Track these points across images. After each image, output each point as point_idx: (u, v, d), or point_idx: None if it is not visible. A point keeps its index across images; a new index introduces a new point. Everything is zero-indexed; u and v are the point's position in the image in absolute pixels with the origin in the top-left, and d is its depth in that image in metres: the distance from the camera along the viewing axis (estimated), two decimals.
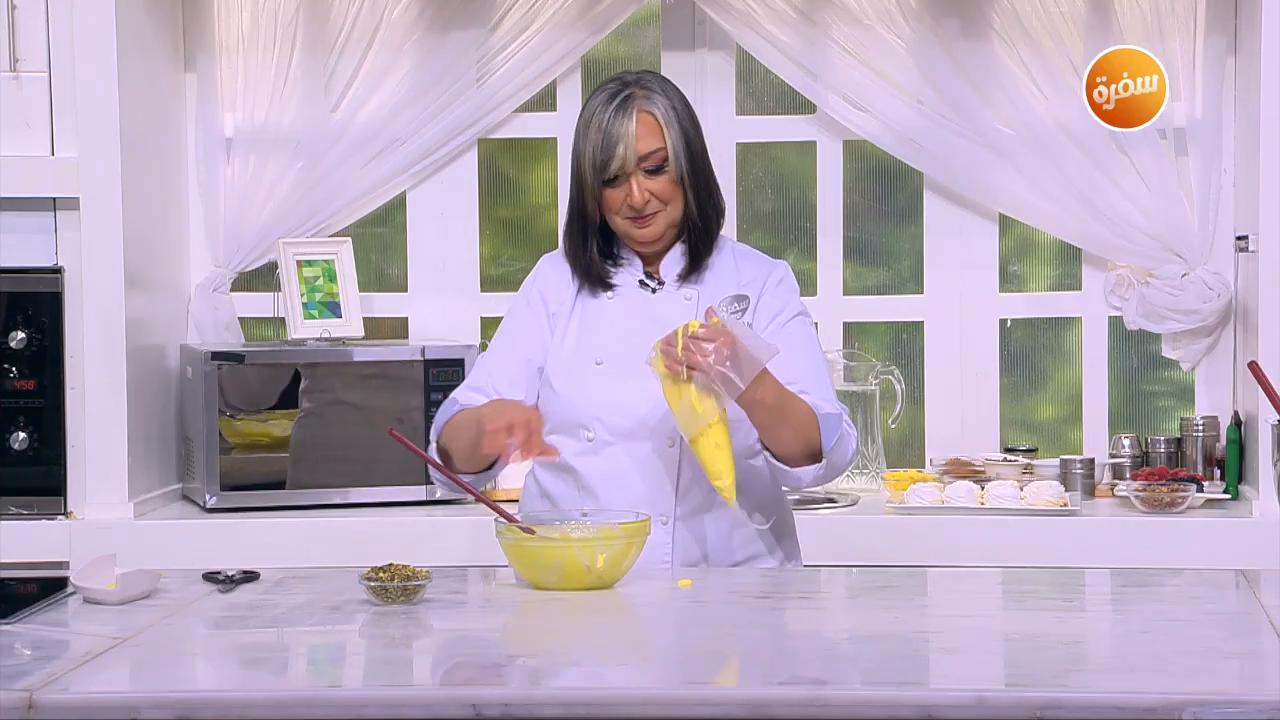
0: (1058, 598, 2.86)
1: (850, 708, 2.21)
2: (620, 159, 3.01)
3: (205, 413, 4.04)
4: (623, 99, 3.03)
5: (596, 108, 3.04)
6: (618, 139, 3.01)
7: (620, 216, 3.05)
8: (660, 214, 3.05)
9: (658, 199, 3.04)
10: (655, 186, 3.03)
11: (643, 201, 3.03)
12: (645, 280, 3.11)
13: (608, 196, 3.04)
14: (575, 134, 3.08)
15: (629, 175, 3.02)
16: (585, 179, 3.04)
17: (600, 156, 3.01)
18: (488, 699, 2.23)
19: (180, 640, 2.58)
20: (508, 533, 2.83)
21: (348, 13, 4.32)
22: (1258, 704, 2.14)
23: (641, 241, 3.08)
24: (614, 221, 3.07)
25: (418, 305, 4.45)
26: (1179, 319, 4.20)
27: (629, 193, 3.02)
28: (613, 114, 3.02)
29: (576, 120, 3.09)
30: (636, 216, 3.04)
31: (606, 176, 3.02)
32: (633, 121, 3.02)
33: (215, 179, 4.34)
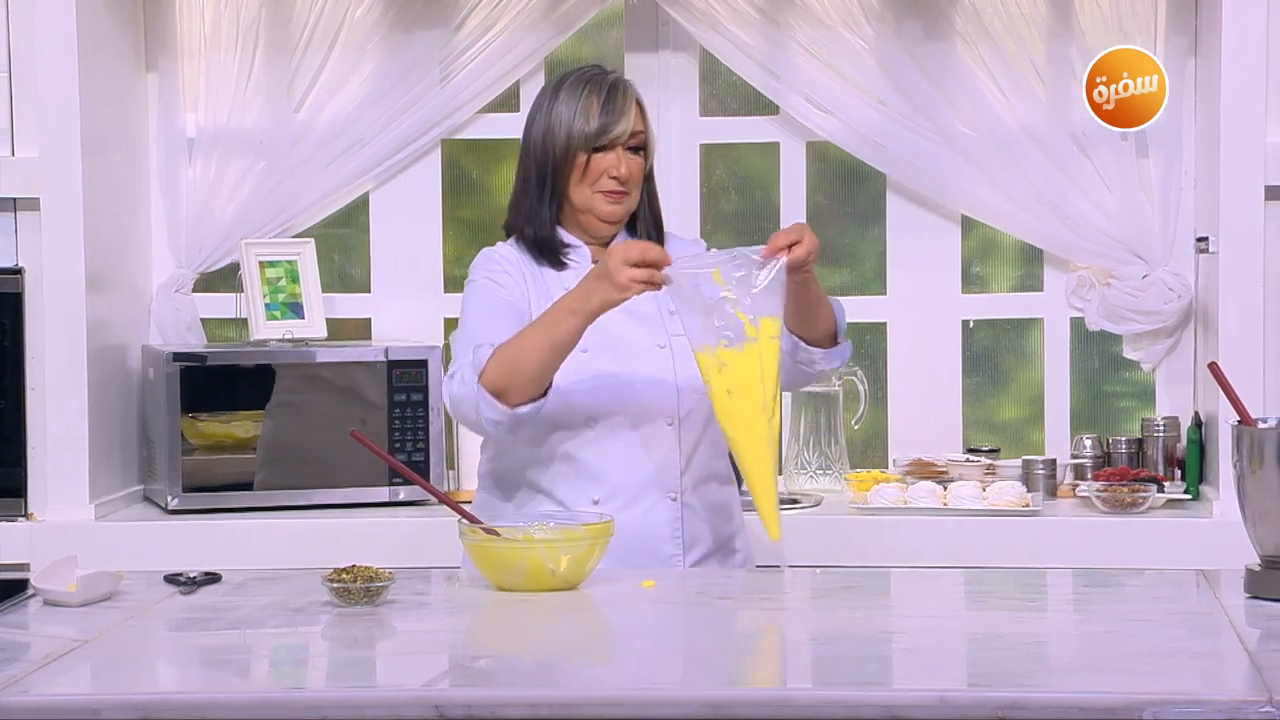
0: (1020, 598, 2.87)
1: (813, 708, 2.21)
2: (624, 127, 3.11)
3: (167, 414, 4.02)
4: (615, 80, 3.15)
5: (585, 83, 3.13)
6: (621, 109, 3.12)
7: (594, 189, 3.12)
8: (630, 195, 3.14)
9: (633, 179, 3.13)
10: (633, 166, 3.13)
11: (628, 173, 3.11)
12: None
13: (594, 163, 3.11)
14: (545, 111, 3.13)
15: (618, 145, 3.10)
16: (563, 148, 3.11)
17: (602, 119, 3.10)
18: (451, 700, 2.23)
19: (142, 642, 2.57)
20: (471, 534, 2.83)
21: (310, 13, 4.31)
22: (1218, 704, 2.15)
23: (606, 219, 3.14)
24: (581, 194, 3.12)
25: (381, 306, 4.44)
26: (1140, 320, 4.22)
27: (617, 162, 3.10)
28: (610, 89, 3.13)
29: (541, 101, 3.15)
30: (615, 190, 3.11)
31: (602, 141, 3.10)
32: (631, 100, 3.15)
33: (177, 179, 4.32)
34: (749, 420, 2.92)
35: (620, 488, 3.08)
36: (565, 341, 2.96)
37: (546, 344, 2.97)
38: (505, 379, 2.98)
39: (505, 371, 2.98)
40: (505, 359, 2.98)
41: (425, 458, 4.09)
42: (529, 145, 3.16)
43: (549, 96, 3.15)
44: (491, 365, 2.98)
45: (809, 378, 3.17)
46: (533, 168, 3.15)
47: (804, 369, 3.12)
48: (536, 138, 3.14)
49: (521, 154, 3.19)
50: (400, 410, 4.09)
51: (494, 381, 2.98)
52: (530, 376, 2.98)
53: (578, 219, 3.16)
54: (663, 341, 3.09)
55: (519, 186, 3.19)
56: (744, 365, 2.91)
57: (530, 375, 2.98)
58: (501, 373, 2.98)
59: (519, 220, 3.18)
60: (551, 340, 2.96)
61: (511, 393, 2.98)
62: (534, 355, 2.97)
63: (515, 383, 2.98)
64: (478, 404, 2.99)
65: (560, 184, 3.13)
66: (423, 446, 4.09)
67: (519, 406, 2.99)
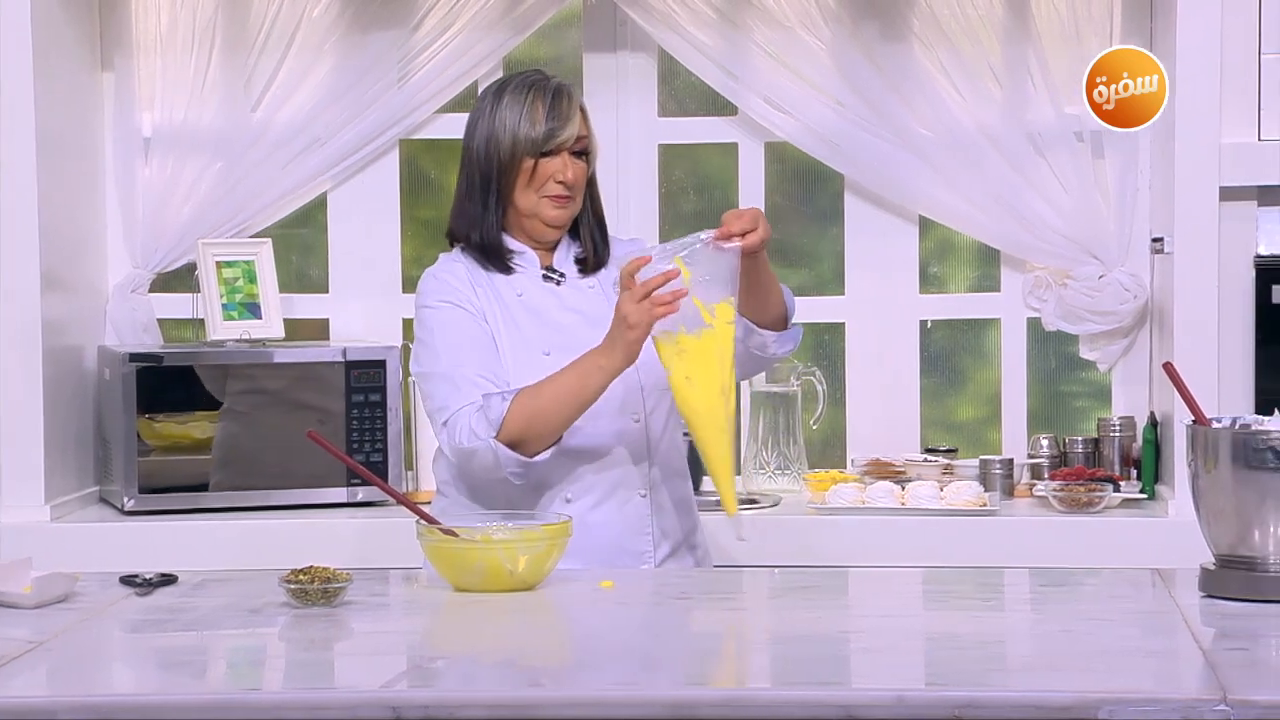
0: (977, 597, 2.88)
1: (771, 708, 2.22)
2: (570, 132, 3.12)
3: (123, 415, 4.01)
4: (559, 85, 3.16)
5: (529, 89, 3.13)
6: (566, 115, 3.12)
7: (541, 193, 3.12)
8: (575, 199, 3.15)
9: (577, 184, 3.14)
10: (578, 171, 3.14)
11: (574, 178, 3.12)
12: (548, 274, 3.17)
13: (541, 167, 3.12)
14: (488, 117, 3.14)
15: (564, 150, 3.11)
16: (508, 153, 3.11)
17: (549, 124, 3.11)
18: (408, 701, 2.23)
19: (98, 644, 2.55)
20: (429, 535, 2.83)
21: (267, 12, 4.30)
22: (1173, 702, 2.16)
23: (551, 223, 3.15)
24: (527, 199, 3.13)
25: (339, 306, 4.43)
26: (1096, 320, 4.24)
27: (563, 167, 3.11)
28: (553, 94, 3.13)
29: (484, 106, 3.16)
30: (560, 195, 3.12)
31: (549, 146, 3.11)
32: (576, 105, 3.15)
33: (133, 179, 4.30)
34: (708, 405, 2.96)
35: (592, 486, 3.10)
36: (593, 397, 3.00)
37: (574, 402, 2.99)
38: (525, 433, 3.00)
39: (527, 427, 3.00)
40: (526, 414, 2.99)
41: (384, 458, 4.08)
42: (471, 151, 3.16)
43: (491, 102, 3.15)
44: (512, 420, 2.99)
45: (762, 363, 3.19)
46: (476, 173, 3.15)
47: (757, 354, 3.13)
48: (479, 143, 3.14)
49: (463, 160, 3.18)
50: (358, 411, 4.08)
51: (513, 436, 3.00)
52: (551, 430, 3.01)
53: (522, 224, 3.16)
54: None
55: (462, 192, 3.18)
56: (703, 351, 2.95)
57: (554, 430, 3.01)
58: (522, 428, 3.00)
59: (464, 226, 3.18)
60: (579, 398, 2.99)
61: (529, 444, 3.01)
62: (561, 412, 3.00)
63: (533, 436, 3.01)
64: (495, 458, 3.00)
65: (505, 189, 3.13)
66: (381, 447, 4.08)
67: (537, 455, 3.01)
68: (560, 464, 3.08)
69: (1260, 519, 2.65)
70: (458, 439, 3.03)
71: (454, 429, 3.04)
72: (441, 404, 3.07)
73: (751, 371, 3.22)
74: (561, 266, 3.20)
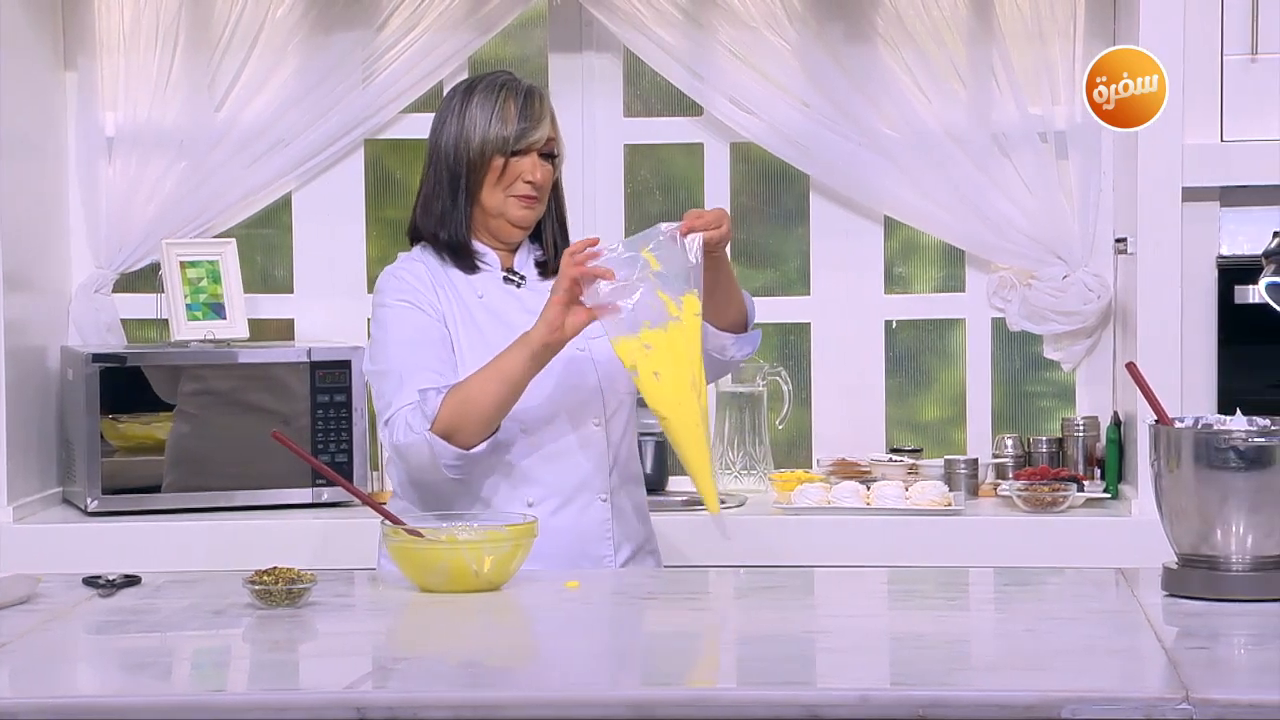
0: (941, 597, 2.89)
1: (736, 708, 2.22)
2: (542, 132, 3.12)
3: (86, 415, 3.99)
4: (529, 87, 3.16)
5: (500, 89, 3.14)
6: (537, 116, 3.13)
7: (508, 193, 3.12)
8: (541, 200, 3.16)
9: (544, 185, 3.15)
10: (545, 173, 3.15)
11: (544, 179, 3.12)
12: (509, 276, 3.17)
13: (511, 167, 3.11)
14: (457, 116, 3.14)
15: (534, 150, 3.12)
16: (478, 151, 3.11)
17: (521, 124, 3.11)
18: (373, 702, 2.22)
19: (60, 645, 2.54)
20: (394, 535, 2.82)
21: (231, 12, 4.28)
22: (1135, 701, 2.17)
23: (517, 224, 3.15)
24: (495, 198, 3.13)
25: (304, 306, 4.42)
26: (1060, 320, 4.26)
27: (533, 167, 3.11)
28: (525, 95, 3.14)
29: (452, 104, 3.16)
30: (528, 195, 3.12)
31: (520, 145, 3.11)
32: (545, 106, 3.16)
33: (96, 179, 4.29)
34: (680, 399, 2.94)
35: (553, 490, 3.09)
36: (519, 378, 2.98)
37: (498, 381, 2.98)
38: (457, 422, 2.98)
39: (458, 415, 2.98)
40: (457, 403, 2.99)
41: (349, 458, 4.07)
42: (439, 149, 3.16)
43: (460, 100, 3.15)
44: (444, 411, 2.99)
45: (722, 367, 3.19)
46: (444, 171, 3.15)
47: (716, 357, 3.13)
48: (448, 141, 3.14)
49: (430, 158, 3.18)
50: (323, 411, 4.07)
51: (445, 427, 2.98)
52: (485, 417, 2.99)
53: (488, 223, 3.16)
54: (580, 345, 3.09)
55: (428, 190, 3.18)
56: (670, 345, 2.94)
57: (485, 416, 2.99)
58: (453, 417, 2.98)
59: (430, 224, 3.17)
60: (503, 378, 2.98)
61: (462, 434, 2.99)
62: (488, 395, 2.98)
63: (467, 423, 2.98)
64: (431, 451, 2.99)
65: (473, 187, 3.13)
66: (346, 447, 4.07)
67: (473, 447, 2.99)
68: (521, 468, 3.08)
69: (1222, 518, 2.66)
70: (395, 436, 3.03)
71: (394, 426, 3.03)
72: (385, 402, 3.06)
73: (712, 375, 3.22)
74: (522, 269, 3.20)
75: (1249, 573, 2.67)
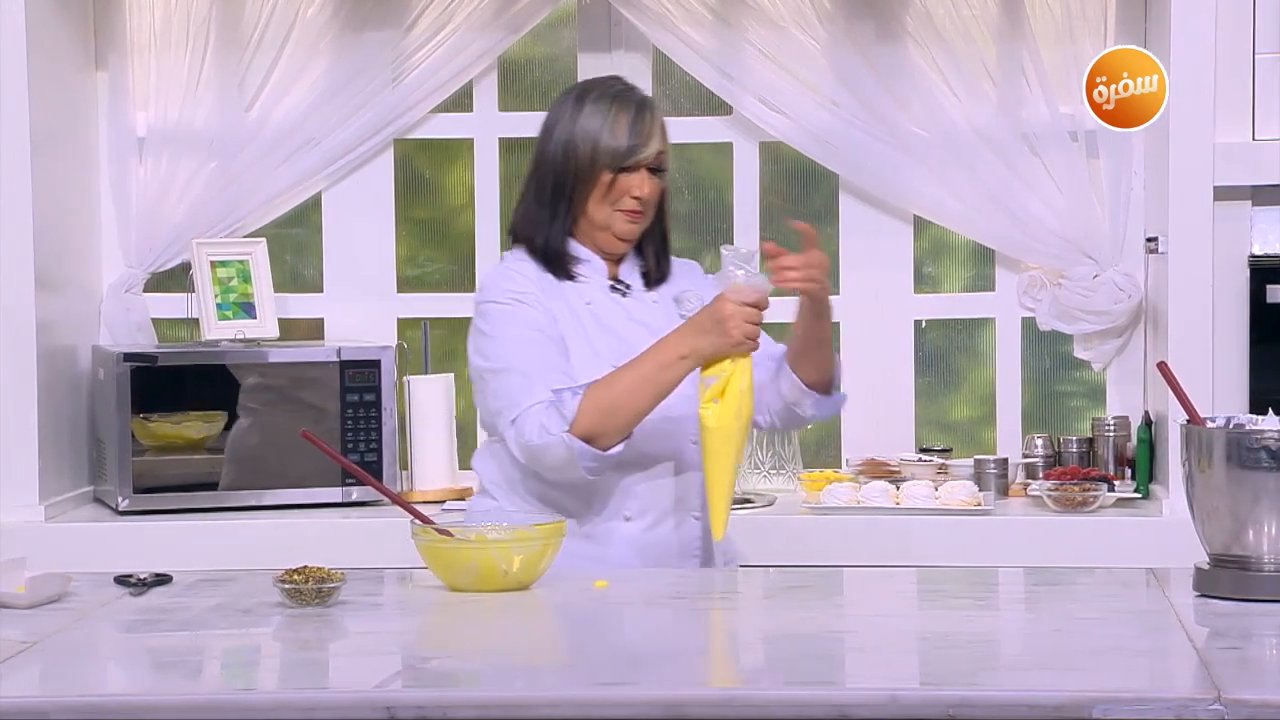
0: (971, 597, 2.88)
1: (765, 708, 2.22)
2: (653, 149, 3.08)
3: (117, 414, 4.00)
4: (643, 99, 3.12)
5: (614, 100, 3.09)
6: (650, 131, 3.09)
7: (615, 207, 3.09)
8: (647, 214, 3.12)
9: (651, 200, 3.11)
10: (654, 187, 3.11)
11: (651, 195, 3.09)
12: (615, 285, 3.15)
13: (619, 182, 3.07)
14: (568, 122, 3.09)
15: (643, 167, 3.08)
16: (587, 163, 3.07)
17: (631, 141, 3.06)
18: (402, 701, 2.23)
19: (91, 644, 2.55)
20: (423, 534, 2.83)
21: (261, 12, 4.30)
22: (1166, 701, 2.16)
23: (622, 237, 3.12)
24: (601, 212, 3.09)
25: (333, 306, 4.43)
26: (1090, 320, 4.24)
27: (641, 183, 3.08)
28: (636, 108, 3.10)
29: (564, 109, 3.10)
30: (635, 210, 3.09)
31: (630, 162, 3.07)
32: (658, 121, 3.12)
33: (127, 179, 4.30)
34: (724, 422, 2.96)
35: (649, 506, 3.09)
36: (670, 389, 2.97)
37: (651, 392, 2.97)
38: (600, 427, 2.97)
39: (602, 420, 2.97)
40: (603, 406, 2.97)
41: (378, 458, 4.08)
42: (546, 154, 3.11)
43: (572, 108, 3.10)
44: (585, 414, 2.97)
45: (792, 419, 3.18)
46: (549, 178, 3.10)
47: (793, 409, 3.13)
48: (556, 149, 3.10)
49: (536, 162, 3.13)
50: (353, 410, 4.08)
51: (586, 430, 2.97)
52: (626, 423, 2.98)
53: (593, 235, 3.12)
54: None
55: (530, 195, 3.14)
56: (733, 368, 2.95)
57: (627, 422, 2.98)
58: (596, 421, 2.97)
59: (528, 229, 3.14)
60: (657, 389, 2.97)
61: (604, 438, 2.98)
62: (636, 403, 2.97)
63: (608, 428, 2.98)
64: (571, 455, 2.97)
65: (579, 199, 3.09)
66: (375, 447, 4.08)
67: (610, 449, 2.99)
68: (618, 482, 3.06)
69: (1254, 518, 2.65)
70: (526, 436, 3.00)
71: (523, 425, 3.01)
72: (510, 400, 3.03)
73: (782, 425, 3.20)
74: (628, 278, 3.17)
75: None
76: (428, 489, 4.17)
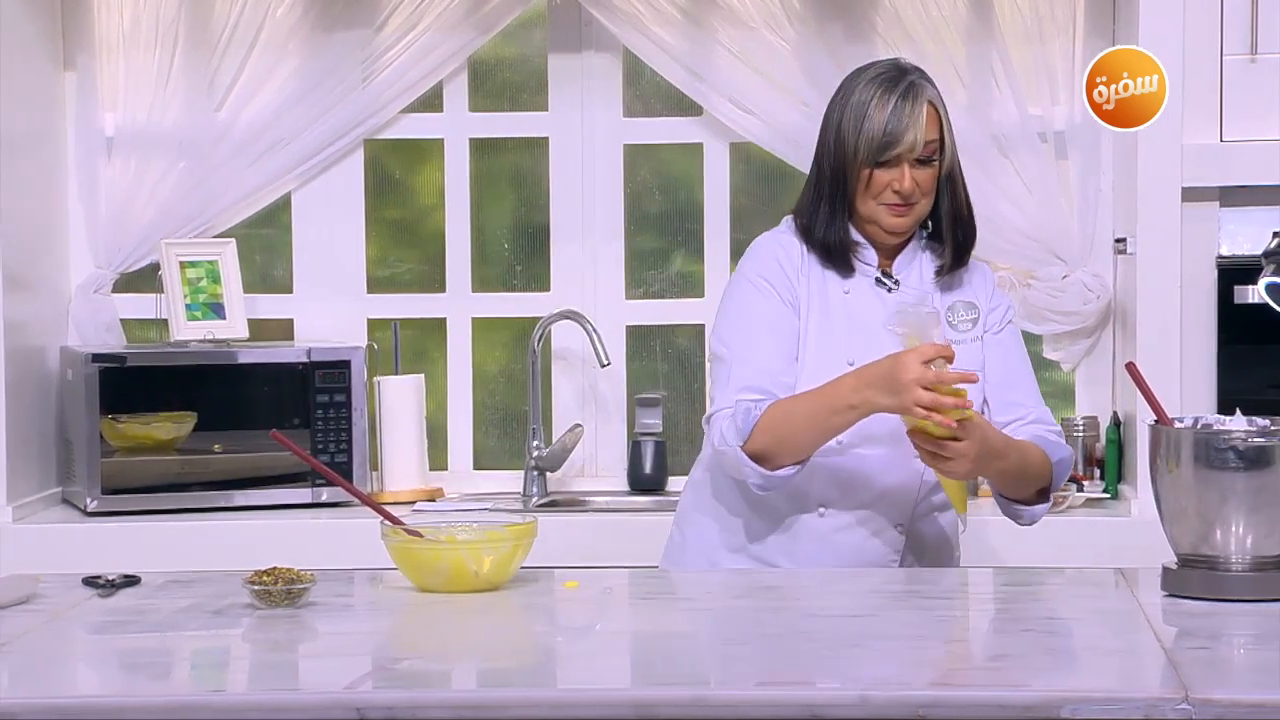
0: (941, 597, 2.89)
1: (735, 707, 2.22)
2: (909, 143, 2.99)
3: (86, 415, 3.99)
4: (908, 84, 3.01)
5: (878, 87, 3.01)
6: (908, 123, 2.99)
7: (878, 201, 3.03)
8: (918, 206, 3.04)
9: (920, 190, 3.03)
10: (921, 177, 3.02)
11: (911, 189, 3.01)
12: (882, 278, 3.09)
13: (876, 178, 3.01)
14: (839, 109, 3.03)
15: (903, 162, 3.00)
16: (853, 156, 3.01)
17: (885, 137, 2.99)
18: (372, 702, 2.22)
19: (60, 646, 2.54)
20: (393, 535, 2.82)
21: (230, 12, 4.29)
22: (1135, 701, 2.17)
23: (891, 231, 3.06)
24: (866, 205, 3.04)
25: (303, 306, 4.42)
26: (1059, 320, 4.26)
27: (900, 177, 3.01)
28: (900, 97, 3.00)
29: (839, 95, 3.05)
30: (897, 204, 3.03)
31: (885, 158, 3.00)
32: (922, 109, 3.01)
33: (96, 179, 4.29)
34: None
35: (850, 508, 3.06)
36: (838, 432, 2.96)
37: (820, 430, 2.95)
38: (770, 449, 2.96)
39: (772, 443, 2.96)
40: (775, 432, 2.95)
41: (348, 459, 4.07)
42: (823, 145, 3.06)
43: (842, 92, 3.05)
44: (760, 434, 2.95)
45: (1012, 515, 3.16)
46: (826, 169, 3.05)
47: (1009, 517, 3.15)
48: (830, 136, 3.05)
49: (817, 150, 3.08)
50: (323, 411, 4.07)
51: (757, 449, 2.97)
52: (796, 452, 2.97)
53: (863, 228, 3.08)
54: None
55: (812, 182, 3.09)
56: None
57: (796, 451, 2.97)
58: (767, 443, 2.96)
59: (806, 218, 3.08)
60: (826, 430, 2.95)
61: (774, 459, 2.97)
62: (806, 436, 2.95)
63: (780, 453, 2.97)
64: (740, 466, 2.98)
65: (848, 193, 3.04)
66: (345, 448, 4.07)
67: (779, 470, 2.98)
68: (825, 480, 3.04)
69: (1222, 518, 2.66)
70: (713, 438, 3.02)
71: (712, 428, 3.02)
72: (712, 395, 3.07)
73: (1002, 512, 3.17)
74: (902, 270, 3.10)
75: (1248, 573, 2.67)
76: (398, 489, 4.16)
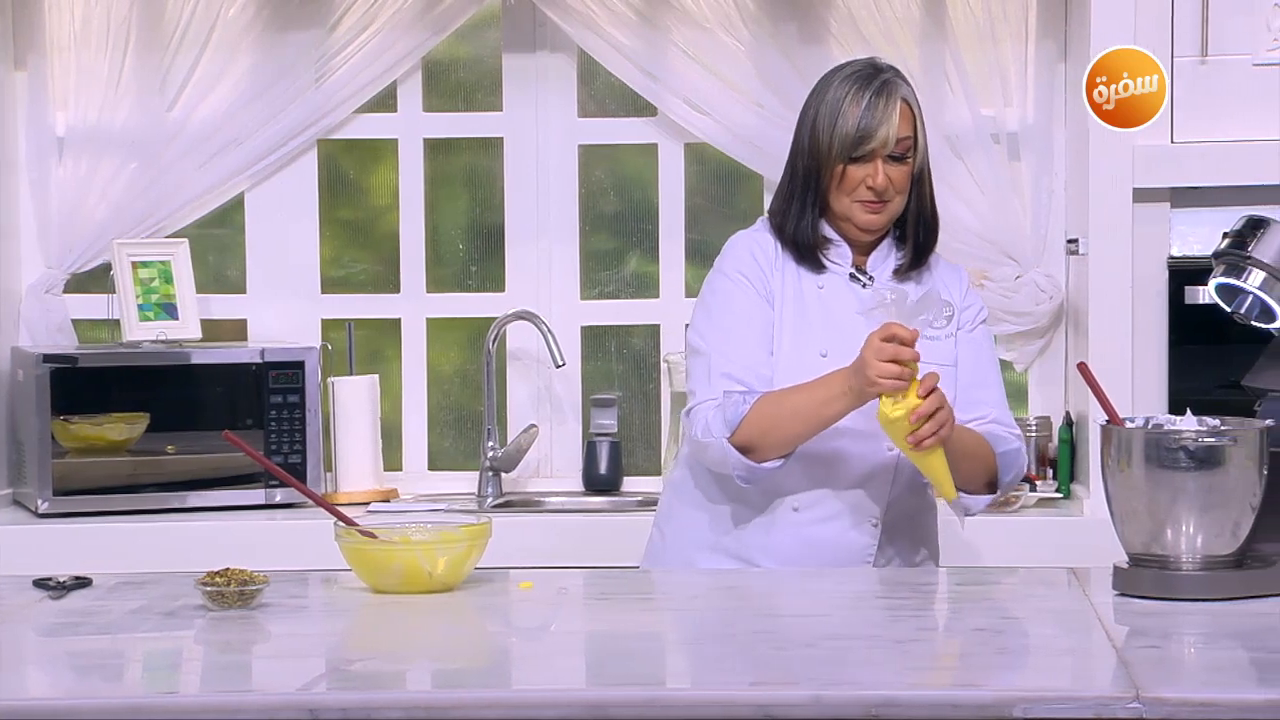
0: (894, 597, 2.90)
1: (688, 707, 2.22)
2: (881, 139, 3.01)
3: (37, 416, 3.97)
4: (883, 82, 3.04)
5: (852, 84, 3.03)
6: (881, 119, 3.01)
7: (852, 198, 3.04)
8: (891, 203, 3.06)
9: (894, 187, 3.04)
10: (895, 174, 3.04)
11: (884, 185, 3.02)
12: (855, 274, 3.11)
13: (850, 174, 3.02)
14: (814, 106, 3.06)
15: (876, 158, 3.02)
16: (826, 152, 3.02)
17: (859, 132, 3.00)
18: (326, 704, 2.22)
19: (10, 648, 2.53)
20: (347, 536, 2.82)
21: (182, 12, 4.27)
22: (1086, 700, 2.18)
23: (865, 228, 3.07)
24: (840, 202, 3.05)
25: (257, 307, 4.41)
26: (1012, 321, 4.27)
27: (873, 173, 3.02)
28: (875, 94, 3.02)
29: (815, 93, 3.08)
30: (871, 200, 3.04)
31: (859, 154, 3.01)
32: (896, 105, 3.03)
33: (47, 179, 4.26)
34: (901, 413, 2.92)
35: (824, 502, 3.06)
36: (829, 423, 2.96)
37: (811, 421, 2.95)
38: (756, 441, 2.97)
39: (762, 435, 2.96)
40: (763, 423, 2.96)
41: (302, 460, 4.06)
42: (798, 143, 3.08)
43: (818, 89, 3.08)
44: (748, 425, 2.96)
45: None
46: (799, 166, 3.07)
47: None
48: (804, 136, 3.07)
49: (792, 148, 3.10)
50: (276, 412, 4.06)
51: (743, 441, 2.97)
52: (783, 444, 2.97)
53: (837, 224, 3.09)
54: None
55: (786, 179, 3.11)
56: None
57: (783, 444, 2.97)
58: (754, 435, 2.97)
59: (779, 216, 3.10)
60: (817, 421, 2.95)
61: (761, 451, 2.98)
62: (795, 428, 2.96)
63: (766, 445, 2.97)
64: (725, 458, 2.98)
65: (821, 190, 3.05)
66: (299, 449, 4.06)
67: (765, 463, 2.98)
68: (798, 474, 3.04)
69: (1172, 518, 2.68)
70: (693, 430, 3.02)
71: (694, 420, 3.02)
72: (691, 388, 3.06)
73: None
74: (876, 267, 3.12)
75: (1199, 572, 2.68)
76: (353, 490, 4.16)
